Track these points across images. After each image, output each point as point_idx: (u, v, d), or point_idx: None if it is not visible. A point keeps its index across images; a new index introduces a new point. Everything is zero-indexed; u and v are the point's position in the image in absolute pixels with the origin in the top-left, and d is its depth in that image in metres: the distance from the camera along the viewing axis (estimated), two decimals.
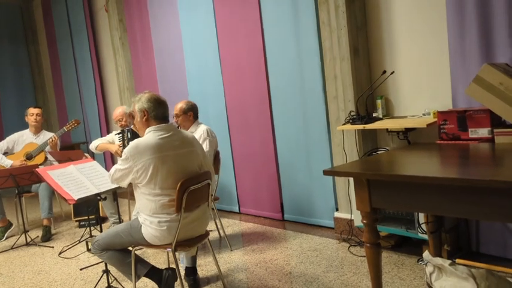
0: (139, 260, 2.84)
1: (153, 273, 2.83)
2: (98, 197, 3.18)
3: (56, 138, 4.97)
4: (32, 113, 5.21)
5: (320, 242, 3.82)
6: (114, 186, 3.13)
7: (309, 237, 3.98)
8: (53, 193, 4.94)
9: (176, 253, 2.72)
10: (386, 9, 3.52)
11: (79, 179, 3.05)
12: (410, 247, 3.42)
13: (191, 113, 3.81)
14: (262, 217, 4.76)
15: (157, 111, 2.69)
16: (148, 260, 3.04)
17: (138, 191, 2.71)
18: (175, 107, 3.82)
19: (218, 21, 4.86)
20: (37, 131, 5.26)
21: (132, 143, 2.63)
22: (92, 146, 4.48)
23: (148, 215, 2.66)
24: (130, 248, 2.81)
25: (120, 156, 2.87)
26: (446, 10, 3.04)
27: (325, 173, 2.42)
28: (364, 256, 3.38)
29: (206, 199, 2.87)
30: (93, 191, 3.03)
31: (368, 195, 2.28)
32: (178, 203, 2.60)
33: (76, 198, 2.87)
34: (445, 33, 3.09)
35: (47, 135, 5.16)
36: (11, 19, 8.71)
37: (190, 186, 2.64)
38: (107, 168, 4.20)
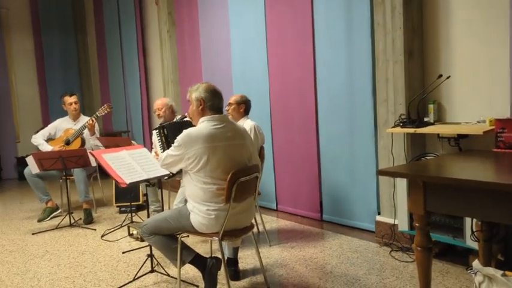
0: (185, 247, 2.89)
1: (197, 260, 2.87)
2: (147, 183, 3.26)
3: (93, 121, 5.07)
4: (70, 102, 5.33)
5: (360, 244, 3.79)
6: (163, 173, 3.21)
7: (348, 238, 3.95)
8: (88, 177, 5.10)
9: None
10: (444, 10, 3.45)
11: (130, 164, 3.13)
12: (454, 256, 3.35)
13: (243, 105, 3.89)
14: (300, 216, 4.75)
15: (214, 102, 2.74)
16: None
17: (188, 178, 2.76)
18: (231, 97, 3.96)
19: (268, 19, 4.88)
20: (76, 117, 5.40)
21: (185, 131, 2.68)
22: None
23: (197, 203, 2.71)
24: (177, 235, 2.86)
25: None
26: (510, 13, 2.95)
27: (380, 173, 2.41)
28: (407, 261, 3.35)
29: (253, 192, 2.90)
30: (143, 176, 3.10)
31: (423, 197, 2.25)
32: (228, 193, 2.63)
33: (128, 182, 2.94)
34: (507, 39, 3.01)
35: (84, 120, 5.28)
36: (62, 8, 9.00)
37: (241, 177, 2.67)
38: None
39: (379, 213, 3.96)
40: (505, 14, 3.03)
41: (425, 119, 3.48)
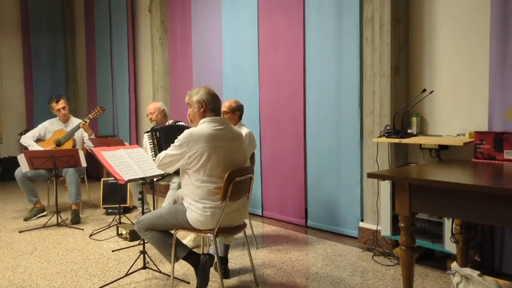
0: (180, 243, 2.99)
1: (191, 256, 2.98)
2: (143, 182, 3.36)
3: (86, 123, 5.12)
4: (58, 109, 5.33)
5: (344, 249, 3.95)
6: (159, 173, 3.31)
7: (332, 243, 4.11)
8: (80, 179, 5.16)
9: (212, 241, 2.87)
10: (429, 30, 3.69)
11: (128, 163, 3.23)
12: (432, 261, 3.54)
13: (238, 112, 3.96)
14: (285, 222, 4.89)
15: (214, 105, 2.89)
16: None
17: (185, 177, 2.88)
18: (224, 104, 3.94)
19: (261, 31, 5.06)
20: (66, 120, 5.44)
21: (187, 131, 2.81)
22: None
23: (194, 200, 2.83)
24: (172, 232, 2.97)
25: None
26: (490, 34, 3.20)
27: (369, 175, 2.58)
28: (389, 265, 3.52)
29: (247, 192, 3.04)
30: (140, 174, 3.20)
31: (408, 199, 2.43)
32: (224, 192, 2.77)
33: (126, 179, 3.04)
34: (487, 56, 3.25)
35: (75, 122, 5.35)
36: (52, 11, 9.02)
37: (236, 177, 2.81)
38: None
39: (362, 220, 4.13)
40: (485, 34, 3.28)
41: (409, 131, 3.69)
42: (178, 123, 4.40)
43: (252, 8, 5.13)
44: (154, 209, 4.56)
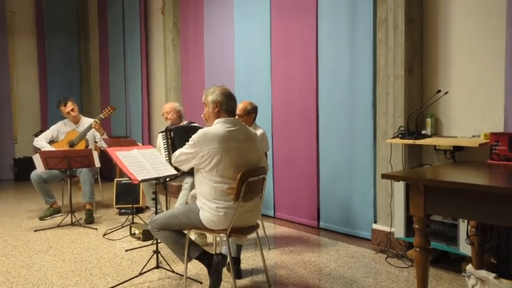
0: (192, 243, 3.00)
1: (204, 256, 2.99)
2: (156, 182, 3.39)
3: (97, 123, 5.15)
4: (68, 112, 5.33)
5: (357, 250, 3.93)
6: (172, 172, 3.34)
7: (345, 245, 4.09)
8: (93, 179, 5.21)
9: (225, 241, 2.87)
10: (443, 30, 3.66)
11: (141, 163, 3.25)
12: (447, 263, 3.50)
13: (253, 114, 3.95)
14: (297, 223, 4.88)
15: (229, 105, 2.90)
16: None
17: (199, 176, 2.89)
18: (238, 106, 3.84)
19: (273, 33, 5.06)
20: (77, 120, 5.47)
21: (201, 131, 2.82)
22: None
23: (207, 200, 2.84)
24: (185, 232, 2.98)
25: None
26: (506, 35, 3.16)
27: (384, 176, 2.57)
28: (402, 267, 3.49)
29: (260, 192, 3.04)
30: (153, 174, 3.22)
31: (423, 201, 2.41)
32: (237, 192, 2.77)
33: (140, 179, 3.06)
34: (503, 58, 3.22)
35: (86, 123, 5.38)
36: (67, 13, 9.16)
37: (249, 177, 2.81)
38: None
39: (375, 222, 4.11)
40: (501, 35, 3.25)
41: (423, 132, 3.66)
42: (192, 124, 4.42)
43: (265, 11, 5.14)
44: (166, 209, 4.60)
